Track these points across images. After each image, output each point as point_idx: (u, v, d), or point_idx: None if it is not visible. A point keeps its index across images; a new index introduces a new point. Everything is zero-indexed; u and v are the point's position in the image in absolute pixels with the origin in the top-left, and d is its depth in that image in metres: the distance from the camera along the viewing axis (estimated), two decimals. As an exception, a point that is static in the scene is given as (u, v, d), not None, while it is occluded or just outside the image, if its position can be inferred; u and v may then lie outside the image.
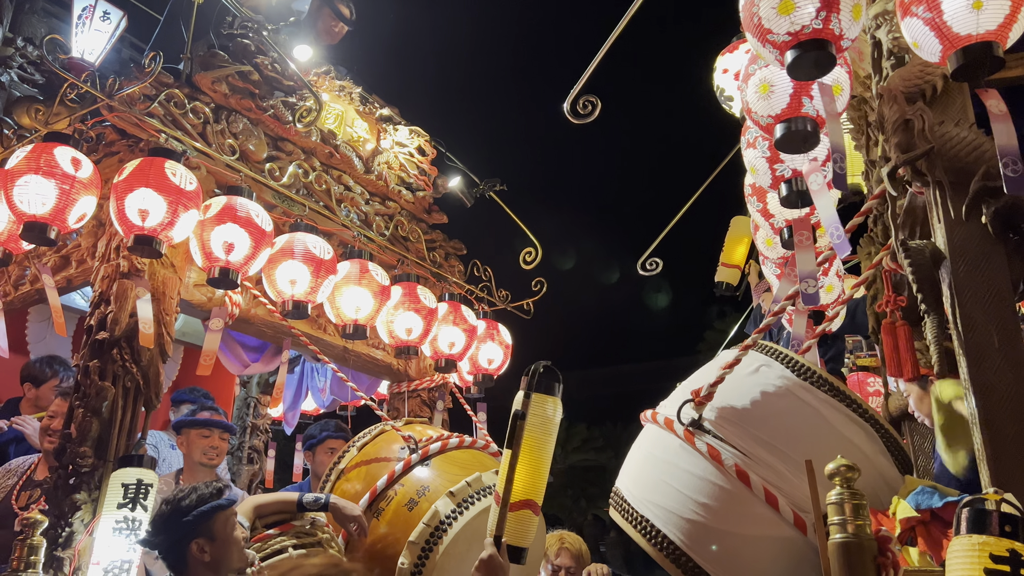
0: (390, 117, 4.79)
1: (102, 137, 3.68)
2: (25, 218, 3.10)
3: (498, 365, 4.59)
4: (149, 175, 3.11)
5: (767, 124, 2.33)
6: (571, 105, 3.20)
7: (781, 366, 2.49)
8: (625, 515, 2.52)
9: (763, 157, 2.62)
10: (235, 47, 3.97)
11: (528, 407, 2.33)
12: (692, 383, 2.60)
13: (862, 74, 2.84)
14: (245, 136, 3.86)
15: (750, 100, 2.37)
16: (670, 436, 2.45)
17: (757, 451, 2.30)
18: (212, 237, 3.27)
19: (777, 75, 2.26)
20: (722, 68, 3.67)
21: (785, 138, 2.28)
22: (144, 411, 3.29)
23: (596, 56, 3.16)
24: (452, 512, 3.11)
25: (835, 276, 3.48)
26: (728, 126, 3.95)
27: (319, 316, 4.03)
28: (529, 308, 5.01)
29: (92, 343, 3.28)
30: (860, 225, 2.70)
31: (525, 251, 4.65)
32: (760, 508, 2.23)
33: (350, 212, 4.34)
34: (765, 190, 2.89)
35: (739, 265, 5.27)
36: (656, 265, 4.75)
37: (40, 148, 3.13)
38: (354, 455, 3.57)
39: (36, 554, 2.59)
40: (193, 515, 2.52)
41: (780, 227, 2.93)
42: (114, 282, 3.33)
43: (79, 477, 3.06)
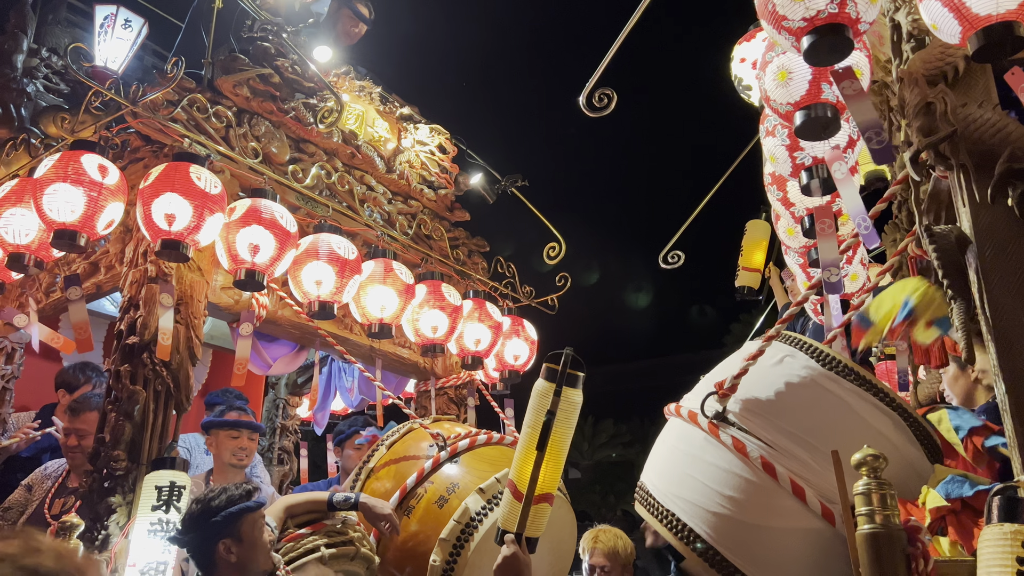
0: (410, 116, 4.81)
1: (127, 144, 3.73)
2: (55, 226, 3.14)
3: (524, 361, 4.59)
4: (174, 180, 3.15)
5: (786, 112, 2.32)
6: (587, 98, 3.19)
7: (805, 356, 2.46)
8: (651, 509, 2.51)
9: (783, 145, 2.60)
10: (255, 50, 4.00)
11: (558, 405, 2.32)
12: (715, 375, 2.59)
13: (882, 58, 2.81)
14: (267, 139, 3.90)
15: (768, 88, 2.35)
16: (694, 429, 2.44)
17: (783, 442, 2.28)
18: (237, 240, 3.31)
19: (795, 62, 2.24)
20: (739, 57, 3.64)
21: (805, 125, 2.27)
22: (175, 414, 3.33)
23: (611, 49, 3.15)
24: (482, 508, 3.12)
25: (859, 264, 3.44)
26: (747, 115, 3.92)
27: (345, 316, 4.06)
28: (554, 303, 5.01)
29: (122, 348, 3.32)
30: (884, 212, 2.64)
31: (548, 246, 4.64)
32: (787, 500, 2.21)
33: (373, 212, 4.37)
34: (785, 178, 2.87)
35: (759, 268, 5.26)
36: (678, 258, 4.73)
37: (67, 156, 3.18)
38: (383, 454, 3.59)
39: (74, 556, 2.63)
40: (222, 516, 2.54)
41: (801, 216, 2.90)
42: (142, 287, 3.37)
43: (113, 480, 3.11)
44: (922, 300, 2.38)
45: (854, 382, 2.37)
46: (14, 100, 4.65)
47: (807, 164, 2.55)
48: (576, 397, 2.36)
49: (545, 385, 2.36)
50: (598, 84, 3.19)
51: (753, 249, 5.30)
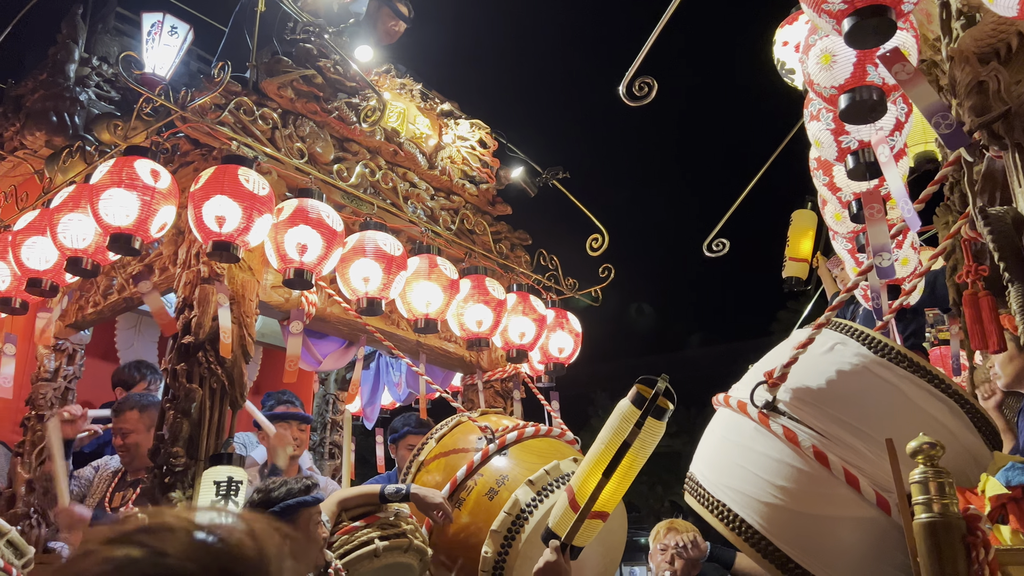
0: (451, 112, 4.84)
1: (177, 148, 3.81)
2: (111, 230, 3.24)
3: (569, 353, 4.60)
4: (224, 182, 3.22)
5: (830, 95, 2.28)
6: (627, 88, 3.16)
7: (857, 343, 2.43)
8: (701, 500, 2.50)
9: (828, 129, 2.55)
10: (298, 52, 4.06)
11: (637, 436, 2.29)
12: (765, 364, 2.57)
13: (931, 37, 2.74)
14: (312, 139, 3.95)
15: (812, 71, 2.31)
16: (744, 419, 2.42)
17: (835, 431, 2.26)
18: (286, 239, 3.37)
19: (839, 44, 2.20)
20: (782, 40, 3.58)
21: (850, 109, 2.23)
22: (230, 411, 3.41)
23: (650, 37, 3.12)
24: (532, 500, 3.14)
25: (910, 248, 3.38)
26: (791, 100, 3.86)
27: (392, 312, 4.11)
28: (597, 295, 5.00)
29: (179, 347, 3.41)
30: (935, 194, 2.58)
31: (591, 238, 4.63)
32: (841, 489, 2.19)
33: (416, 208, 4.41)
34: (831, 163, 2.82)
35: (806, 258, 5.18)
36: (723, 246, 4.68)
37: (121, 162, 3.27)
38: (433, 447, 3.64)
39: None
40: (279, 507, 2.60)
41: (848, 200, 2.85)
42: (196, 287, 3.46)
43: (173, 476, 3.20)
44: None
45: (907, 369, 2.33)
46: (68, 109, 4.78)
47: (853, 148, 2.50)
48: (658, 429, 2.34)
49: (630, 410, 2.34)
50: (638, 73, 3.17)
51: (800, 238, 5.23)
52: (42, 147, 4.69)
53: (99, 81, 5.18)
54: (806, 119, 2.69)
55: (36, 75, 5.08)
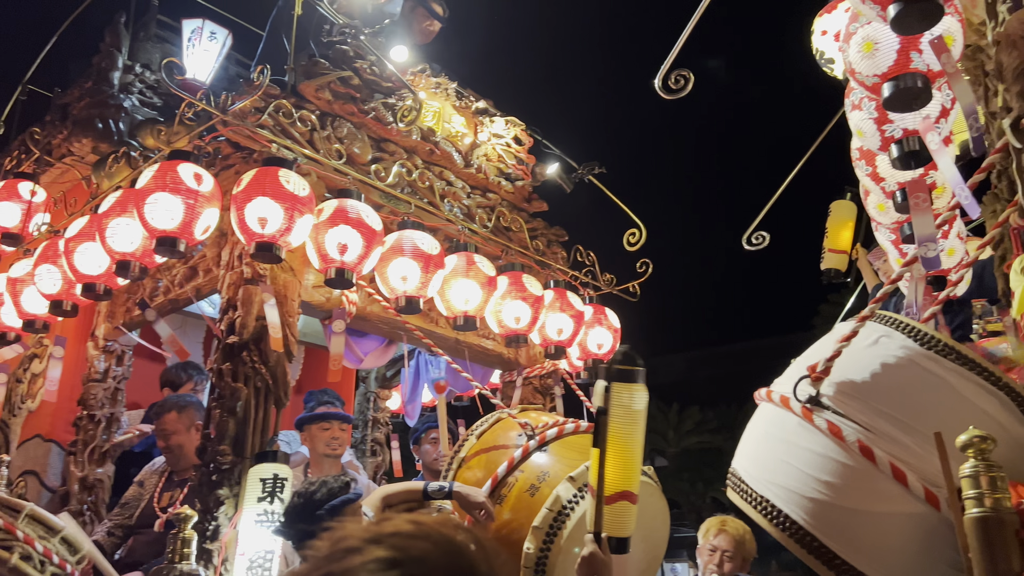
0: (485, 109, 4.85)
1: (219, 151, 3.88)
2: (157, 233, 3.31)
3: (608, 349, 4.59)
4: (265, 184, 3.27)
5: (873, 84, 2.24)
6: (662, 81, 3.14)
7: (903, 336, 2.38)
8: (744, 496, 2.48)
9: (870, 119, 2.50)
10: (334, 54, 4.10)
11: (609, 400, 2.29)
12: (808, 358, 2.53)
13: (975, 21, 2.68)
14: (350, 140, 4.00)
15: (853, 60, 2.28)
16: (787, 414, 2.40)
17: (881, 425, 2.22)
18: (327, 239, 3.41)
19: (881, 31, 2.17)
20: (820, 30, 3.53)
21: (894, 97, 2.19)
22: (275, 409, 3.47)
23: (685, 30, 3.10)
24: (574, 496, 3.14)
25: (956, 238, 3.31)
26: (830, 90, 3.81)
27: (431, 310, 4.14)
28: (635, 291, 4.98)
29: (223, 347, 3.48)
30: (982, 182, 2.54)
31: (628, 232, 4.61)
32: (887, 484, 2.15)
33: (453, 207, 4.43)
34: (874, 153, 2.77)
35: (845, 250, 5.09)
36: (763, 239, 4.62)
37: (165, 166, 3.34)
38: (473, 443, 3.65)
39: (189, 546, 2.78)
40: (325, 508, 2.63)
41: (892, 190, 2.80)
42: (239, 288, 3.52)
43: (220, 474, 3.26)
44: None
45: (956, 361, 2.28)
46: (112, 115, 4.89)
47: (897, 137, 2.45)
48: (632, 391, 2.31)
49: (599, 384, 2.33)
50: (674, 66, 3.14)
51: (839, 230, 5.15)
52: (88, 153, 4.81)
53: (142, 88, 5.29)
54: (847, 108, 2.65)
55: (82, 83, 5.21)
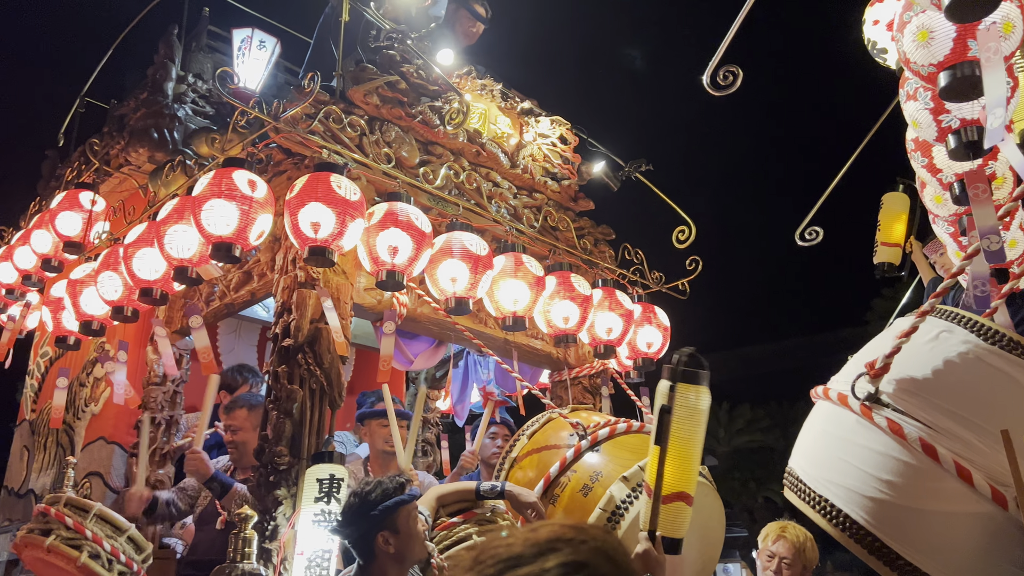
0: (531, 109, 4.86)
1: (270, 158, 3.96)
2: (213, 239, 3.39)
3: (658, 348, 4.56)
4: (317, 190, 3.32)
5: (929, 73, 2.20)
6: (711, 77, 3.11)
7: (965, 331, 2.34)
8: (802, 495, 2.45)
9: (926, 109, 2.46)
10: (382, 59, 4.15)
11: (674, 400, 2.30)
12: (865, 355, 2.49)
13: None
14: (398, 144, 4.04)
15: (907, 49, 2.24)
16: (845, 412, 2.37)
17: (944, 423, 2.19)
18: (377, 242, 3.46)
19: (936, 19, 2.13)
20: (872, 20, 3.47)
21: (951, 86, 2.15)
22: (330, 410, 3.52)
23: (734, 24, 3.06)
24: (627, 497, 3.13)
25: (1019, 229, 3.22)
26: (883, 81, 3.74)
27: (479, 311, 4.17)
28: (685, 288, 4.93)
29: (279, 350, 3.54)
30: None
31: (678, 230, 4.58)
32: (951, 483, 2.12)
33: (500, 207, 4.45)
34: (931, 143, 2.72)
35: (899, 243, 4.98)
36: (816, 234, 4.55)
37: (220, 174, 3.41)
38: (525, 443, 3.67)
39: (250, 546, 2.84)
40: (379, 509, 2.64)
41: (950, 182, 2.74)
42: (293, 292, 3.59)
43: (278, 475, 3.33)
44: None
45: (1021, 356, 2.23)
46: (167, 125, 5.02)
47: (954, 127, 2.40)
48: (695, 393, 2.33)
49: (663, 384, 2.36)
50: (722, 61, 3.11)
51: (892, 223, 5.03)
52: (145, 163, 4.93)
53: (194, 97, 5.41)
54: (902, 99, 2.60)
55: (137, 95, 5.35)
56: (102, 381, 4.81)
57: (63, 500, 3.18)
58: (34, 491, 5.15)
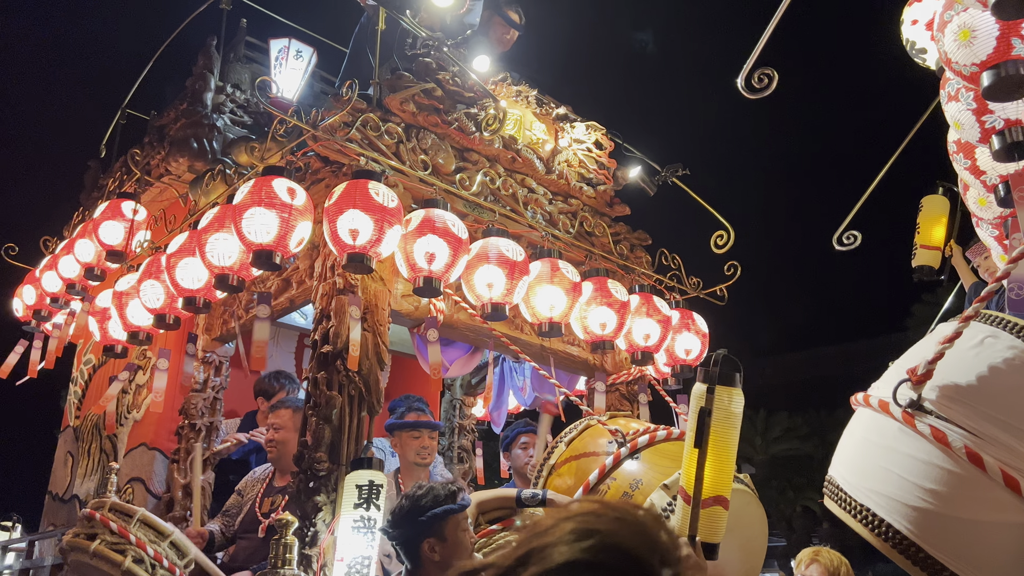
0: (565, 115, 4.85)
1: (308, 166, 3.99)
2: (254, 247, 3.42)
3: (696, 355, 4.51)
4: (355, 197, 3.34)
5: (971, 73, 2.16)
6: (745, 80, 3.08)
7: (1011, 336, 2.28)
8: (843, 505, 2.41)
9: (968, 110, 2.42)
10: (417, 67, 4.17)
11: (712, 403, 2.29)
12: (907, 361, 2.43)
13: None
14: (434, 151, 4.06)
15: (949, 49, 2.20)
16: (887, 419, 2.32)
17: (989, 430, 2.13)
18: (415, 249, 3.47)
19: (979, 18, 2.09)
20: (911, 20, 3.41)
21: (995, 86, 2.11)
22: (368, 416, 3.53)
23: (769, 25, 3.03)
24: (668, 504, 3.09)
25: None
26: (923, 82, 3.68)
27: (515, 317, 4.16)
28: (723, 294, 4.88)
29: (318, 356, 3.57)
30: None
31: (716, 235, 4.53)
32: (998, 492, 2.06)
33: (535, 213, 4.44)
34: (974, 145, 2.67)
35: (939, 246, 4.90)
36: (854, 239, 4.49)
37: (260, 182, 3.45)
38: (563, 451, 3.64)
39: (290, 552, 2.85)
40: (427, 515, 2.64)
41: (994, 184, 2.69)
42: (332, 299, 3.61)
43: (317, 481, 3.34)
44: None
45: None
46: (207, 135, 5.09)
47: (998, 127, 2.36)
48: (732, 395, 2.33)
49: (699, 386, 2.35)
50: (757, 64, 3.08)
51: (931, 226, 4.95)
52: (185, 172, 5.01)
53: (233, 107, 5.48)
54: (943, 100, 2.56)
55: (177, 105, 5.44)
56: (144, 388, 4.88)
57: (108, 505, 3.23)
58: (78, 496, 5.24)
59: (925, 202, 5.02)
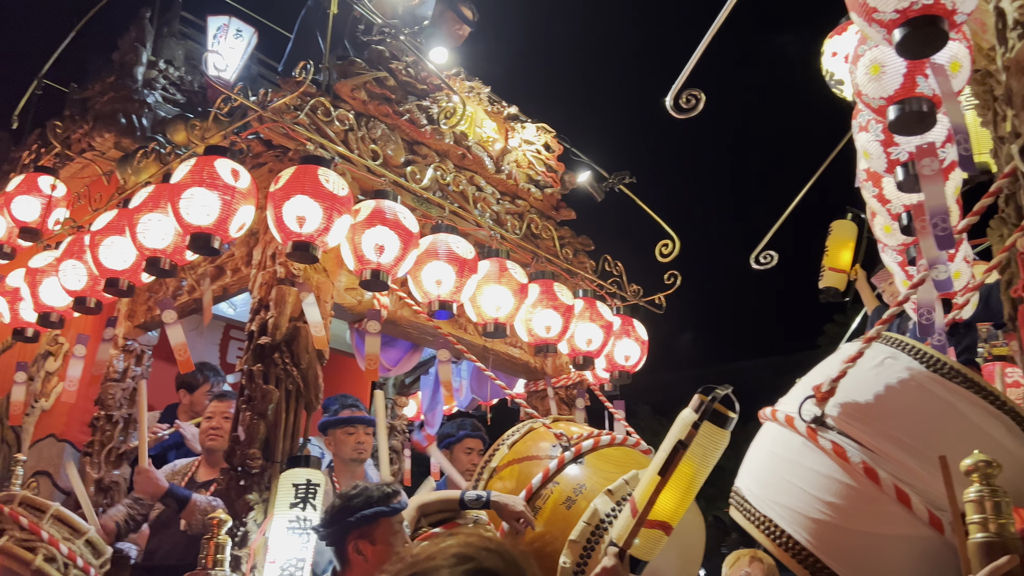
0: (516, 115, 4.80)
1: (250, 149, 3.81)
2: (191, 229, 3.23)
3: (635, 362, 4.52)
4: (304, 183, 3.20)
5: (879, 106, 2.24)
6: (674, 100, 3.15)
7: (908, 358, 2.36)
8: (747, 515, 2.46)
9: (877, 141, 2.51)
10: (370, 54, 4.05)
11: (694, 437, 2.27)
12: (813, 378, 2.51)
13: (985, 46, 2.70)
14: (383, 142, 3.94)
15: (860, 82, 2.28)
16: (791, 434, 2.38)
17: (885, 447, 2.22)
18: (363, 240, 3.34)
19: (888, 55, 2.17)
20: (831, 51, 3.54)
21: (899, 120, 2.18)
22: (305, 413, 3.38)
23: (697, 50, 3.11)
24: (612, 510, 3.05)
25: (963, 261, 3.31)
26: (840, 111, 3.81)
27: (459, 316, 4.07)
28: (661, 303, 4.91)
29: (255, 348, 3.40)
30: (990, 206, 2.54)
31: (661, 244, 4.55)
32: (891, 506, 2.14)
33: (484, 212, 4.37)
34: (880, 175, 2.78)
35: (845, 269, 5.15)
36: (771, 258, 4.63)
37: (202, 161, 3.27)
38: (505, 453, 3.57)
39: (223, 552, 2.69)
40: (356, 516, 2.55)
41: (898, 212, 2.80)
42: (272, 288, 3.45)
43: (249, 479, 3.18)
44: None
45: (961, 384, 2.27)
46: (136, 111, 4.83)
47: (903, 160, 2.46)
48: (717, 436, 2.31)
49: (688, 414, 2.33)
50: (686, 85, 3.16)
51: (839, 249, 5.20)
52: (111, 148, 4.74)
53: (165, 84, 5.23)
54: (855, 130, 2.66)
55: (104, 78, 5.14)
56: (54, 376, 4.57)
57: (17, 499, 2.98)
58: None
59: (834, 226, 5.24)
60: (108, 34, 5.49)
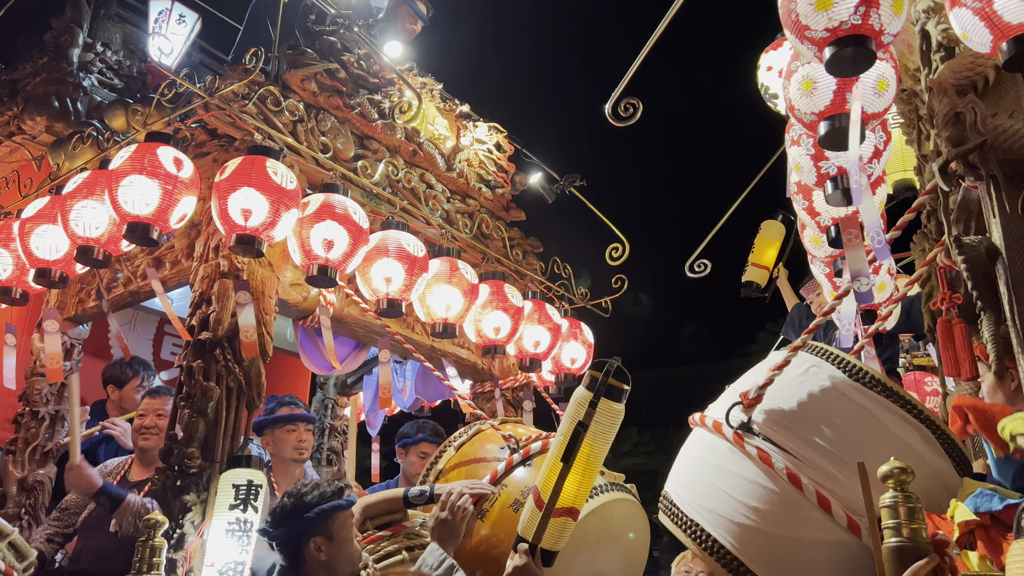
0: (468, 114, 4.75)
1: (193, 138, 3.67)
2: (129, 218, 3.10)
3: (581, 364, 4.51)
4: (251, 174, 3.09)
5: (810, 121, 2.31)
6: (612, 108, 3.19)
7: (831, 367, 2.45)
8: (675, 519, 2.51)
9: (808, 155, 2.60)
10: (322, 45, 3.95)
11: (592, 416, 2.25)
12: (741, 385, 2.59)
13: (911, 67, 2.81)
14: (333, 135, 3.84)
15: (793, 97, 2.34)
16: (719, 439, 2.44)
17: (808, 454, 2.29)
18: (311, 235, 3.25)
19: (819, 72, 2.23)
20: (766, 65, 3.63)
21: (829, 135, 2.25)
22: (247, 412, 3.27)
23: (636, 59, 3.15)
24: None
25: (887, 274, 3.43)
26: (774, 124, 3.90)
27: (407, 315, 4.00)
28: (607, 306, 4.92)
29: (195, 343, 3.27)
30: (913, 221, 2.66)
31: (611, 247, 4.56)
32: (812, 512, 2.22)
33: (434, 210, 4.31)
34: (811, 188, 2.88)
35: (768, 266, 5.32)
36: (705, 267, 4.71)
37: (143, 148, 3.14)
38: (452, 455, 3.51)
39: (158, 555, 2.57)
40: (314, 512, 2.50)
41: (827, 225, 2.88)
42: (214, 282, 3.32)
43: (187, 478, 3.05)
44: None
45: (880, 393, 2.36)
46: (70, 94, 4.62)
47: (832, 174, 2.55)
48: (614, 411, 2.32)
49: (583, 394, 2.33)
50: (624, 94, 3.20)
51: (765, 247, 5.37)
52: (43, 132, 4.53)
53: (102, 68, 5.02)
54: (787, 144, 2.74)
55: (36, 59, 4.90)
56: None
57: (-66, 499, 2.80)
58: None
59: (764, 225, 5.40)
60: (39, 13, 5.25)
